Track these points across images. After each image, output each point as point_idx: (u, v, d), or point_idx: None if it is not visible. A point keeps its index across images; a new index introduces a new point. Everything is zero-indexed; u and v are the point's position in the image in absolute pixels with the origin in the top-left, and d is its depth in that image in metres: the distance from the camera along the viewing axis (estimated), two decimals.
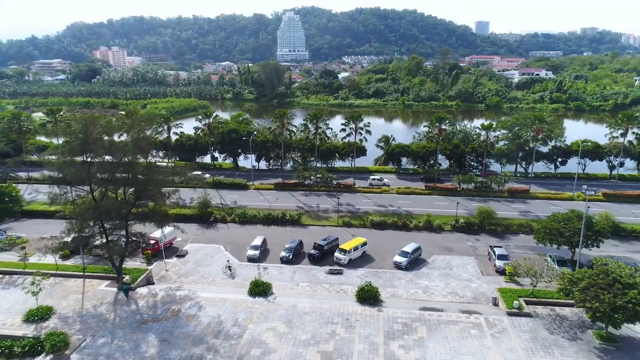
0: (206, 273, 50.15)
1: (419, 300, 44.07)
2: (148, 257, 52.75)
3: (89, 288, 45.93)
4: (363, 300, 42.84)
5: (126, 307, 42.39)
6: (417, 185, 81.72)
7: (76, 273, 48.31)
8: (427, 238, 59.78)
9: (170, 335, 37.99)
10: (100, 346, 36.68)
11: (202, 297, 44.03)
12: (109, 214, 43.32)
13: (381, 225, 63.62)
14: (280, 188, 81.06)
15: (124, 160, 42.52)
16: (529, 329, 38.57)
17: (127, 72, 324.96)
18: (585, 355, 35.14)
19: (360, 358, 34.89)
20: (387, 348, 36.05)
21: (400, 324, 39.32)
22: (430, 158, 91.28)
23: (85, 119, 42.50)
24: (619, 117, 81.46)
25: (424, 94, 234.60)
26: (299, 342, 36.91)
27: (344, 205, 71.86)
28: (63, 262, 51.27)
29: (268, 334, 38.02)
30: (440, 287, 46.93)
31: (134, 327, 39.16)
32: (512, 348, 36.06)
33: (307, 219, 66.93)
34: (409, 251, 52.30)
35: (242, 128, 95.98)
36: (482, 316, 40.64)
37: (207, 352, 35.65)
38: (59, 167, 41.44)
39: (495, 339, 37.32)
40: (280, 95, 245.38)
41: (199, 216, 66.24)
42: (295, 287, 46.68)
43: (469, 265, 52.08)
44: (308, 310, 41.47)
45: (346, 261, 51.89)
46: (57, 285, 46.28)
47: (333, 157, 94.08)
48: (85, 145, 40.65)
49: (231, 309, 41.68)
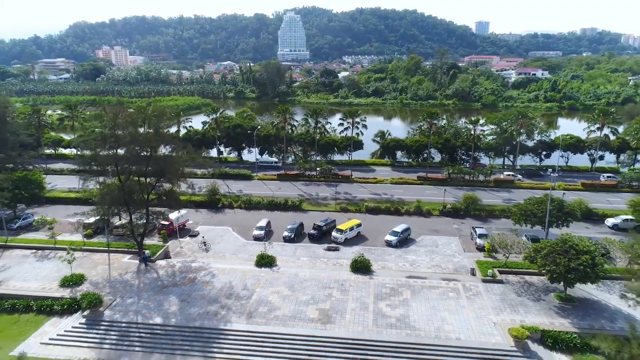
0: (217, 250, 55.92)
1: (405, 271, 49.88)
2: (164, 237, 58.48)
3: (114, 260, 51.84)
4: (356, 270, 48.73)
5: (148, 275, 48.32)
6: (410, 176, 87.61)
7: (101, 248, 54.24)
8: (416, 221, 65.59)
9: (189, 296, 43.90)
10: (129, 305, 42.60)
11: (215, 267, 49.93)
12: (132, 193, 49.24)
13: (375, 211, 69.49)
14: (282, 178, 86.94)
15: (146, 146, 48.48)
16: (499, 293, 44.43)
17: (131, 71, 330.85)
18: (546, 312, 41.01)
19: (352, 314, 40.77)
20: (375, 306, 41.94)
21: (388, 289, 45.19)
22: (423, 151, 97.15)
23: (115, 110, 48.46)
24: (596, 113, 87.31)
25: (422, 93, 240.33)
26: (300, 301, 42.79)
27: (341, 194, 77.75)
28: (88, 240, 57.14)
29: (273, 295, 43.90)
30: (425, 261, 52.75)
31: (157, 291, 45.08)
32: (483, 307, 41.92)
33: (307, 205, 72.81)
34: (399, 231, 58.17)
35: (246, 123, 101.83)
36: (459, 283, 46.51)
37: (221, 309, 41.56)
38: (90, 149, 47.40)
39: (470, 299, 43.19)
40: (282, 94, 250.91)
41: (208, 202, 72.09)
42: (297, 261, 52.48)
43: (452, 244, 57.90)
44: (308, 278, 47.34)
45: (342, 240, 57.71)
46: (86, 258, 52.13)
47: (332, 150, 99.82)
48: (113, 131, 46.60)
49: (241, 277, 47.58)
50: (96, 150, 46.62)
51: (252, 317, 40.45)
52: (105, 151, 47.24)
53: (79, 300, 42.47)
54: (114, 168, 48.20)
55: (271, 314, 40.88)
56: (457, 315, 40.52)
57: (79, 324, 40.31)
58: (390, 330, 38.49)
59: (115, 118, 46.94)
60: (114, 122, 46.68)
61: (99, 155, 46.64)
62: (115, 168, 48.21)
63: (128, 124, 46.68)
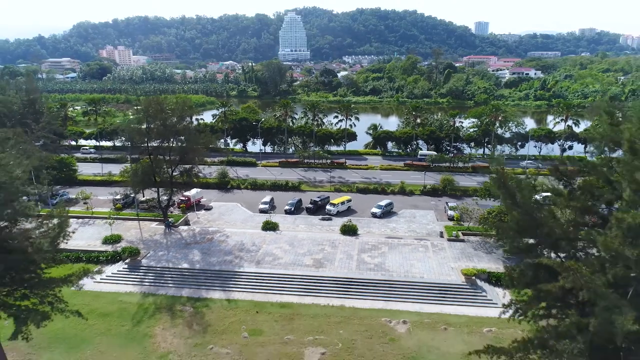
0: (228, 220, 66.19)
1: (386, 234, 60.11)
2: (183, 210, 68.83)
3: (144, 226, 62.21)
4: (345, 232, 59.04)
5: (173, 236, 58.68)
6: (398, 164, 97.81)
7: (132, 217, 64.62)
8: (399, 199, 75.79)
9: (208, 250, 54.22)
10: (161, 256, 52.96)
11: (228, 231, 60.27)
12: (160, 169, 59.67)
13: (364, 191, 79.73)
14: (284, 165, 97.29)
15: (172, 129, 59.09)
16: (460, 248, 54.68)
17: (136, 70, 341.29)
18: (495, 261, 51.26)
19: (340, 261, 51.10)
20: (359, 257, 52.26)
21: (370, 245, 55.47)
22: (411, 142, 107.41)
23: (148, 100, 59.00)
24: (560, 106, 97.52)
25: (417, 91, 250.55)
26: (298, 254, 53.09)
27: (336, 178, 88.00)
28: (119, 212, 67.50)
29: (277, 250, 54.21)
30: (404, 227, 62.96)
31: (182, 246, 55.43)
32: (445, 257, 52.19)
33: (305, 186, 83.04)
34: (383, 205, 68.44)
35: (251, 117, 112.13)
36: (429, 242, 56.78)
37: (235, 259, 51.87)
38: (128, 130, 57.86)
39: (435, 252, 53.47)
40: (283, 93, 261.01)
41: (218, 184, 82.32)
42: (296, 227, 62.67)
43: (428, 215, 68.12)
44: (305, 238, 57.65)
45: (335, 212, 67.93)
46: (120, 224, 62.37)
47: (329, 141, 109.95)
48: (146, 117, 57.14)
49: (250, 237, 57.91)
50: (134, 132, 57.08)
51: (260, 263, 50.78)
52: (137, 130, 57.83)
53: (120, 252, 52.83)
54: (147, 146, 58.65)
55: (275, 262, 51.20)
56: (423, 263, 50.81)
57: (122, 268, 50.69)
58: (369, 272, 48.81)
59: (148, 106, 57.39)
60: (147, 109, 57.15)
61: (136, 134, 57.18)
62: (147, 146, 58.65)
63: (159, 111, 57.04)
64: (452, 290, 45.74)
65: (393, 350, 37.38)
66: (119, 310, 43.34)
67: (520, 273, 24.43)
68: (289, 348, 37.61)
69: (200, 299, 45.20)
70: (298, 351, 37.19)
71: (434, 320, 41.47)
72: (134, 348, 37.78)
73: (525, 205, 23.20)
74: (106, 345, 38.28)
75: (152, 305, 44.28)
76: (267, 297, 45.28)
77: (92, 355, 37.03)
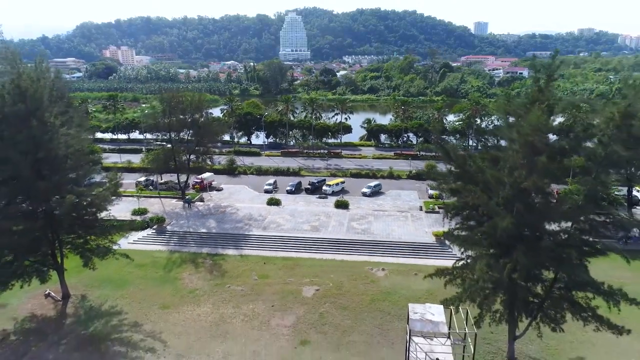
0: (237, 198, 76.07)
1: (373, 208, 69.99)
2: (197, 190, 78.74)
3: (165, 202, 72.21)
4: (338, 207, 69.01)
5: (191, 210, 68.63)
6: (389, 153, 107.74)
7: (154, 195, 74.64)
8: (388, 182, 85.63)
9: (222, 219, 64.25)
10: (182, 224, 62.99)
11: (238, 205, 70.31)
12: (179, 153, 69.66)
13: (357, 175, 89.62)
14: (285, 155, 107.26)
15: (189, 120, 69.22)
16: (434, 218, 64.48)
17: (141, 70, 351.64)
18: None
19: (333, 227, 61.11)
20: (349, 224, 62.26)
21: (359, 216, 65.44)
22: (402, 135, 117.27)
23: (169, 95, 69.23)
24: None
25: (413, 90, 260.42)
26: (298, 222, 63.08)
27: (332, 165, 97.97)
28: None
29: (280, 219, 64.20)
30: (389, 204, 72.84)
31: (200, 217, 65.45)
32: (421, 224, 62.15)
33: (305, 172, 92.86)
34: (372, 185, 78.37)
35: (255, 112, 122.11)
36: (409, 213, 66.75)
37: (245, 225, 61.89)
38: (153, 119, 67.93)
39: (413, 221, 63.43)
40: (284, 91, 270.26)
41: (227, 170, 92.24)
42: (296, 203, 72.58)
43: (412, 195, 77.99)
44: (304, 211, 67.64)
45: (330, 192, 77.77)
46: (144, 201, 72.29)
47: (326, 134, 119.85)
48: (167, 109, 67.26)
49: (257, 210, 67.94)
50: (157, 120, 67.21)
51: (266, 229, 60.78)
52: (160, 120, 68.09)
53: (148, 221, 62.77)
54: (168, 135, 68.71)
55: (279, 227, 61.21)
56: (403, 228, 60.77)
57: (150, 232, 60.66)
58: (357, 235, 58.81)
59: (170, 99, 67.51)
60: (169, 103, 67.31)
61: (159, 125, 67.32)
62: (169, 135, 68.72)
63: (179, 103, 67.13)
64: (424, 247, 55.62)
65: (372, 288, 47.26)
66: (152, 262, 53.28)
67: (451, 206, 34.58)
68: (290, 287, 47.48)
69: (217, 254, 55.13)
70: (297, 289, 47.07)
71: (408, 269, 51.30)
72: (167, 287, 47.69)
73: (457, 159, 33.00)
74: (144, 285, 48.19)
75: (178, 259, 54.25)
76: (273, 254, 55.18)
77: (134, 291, 46.92)
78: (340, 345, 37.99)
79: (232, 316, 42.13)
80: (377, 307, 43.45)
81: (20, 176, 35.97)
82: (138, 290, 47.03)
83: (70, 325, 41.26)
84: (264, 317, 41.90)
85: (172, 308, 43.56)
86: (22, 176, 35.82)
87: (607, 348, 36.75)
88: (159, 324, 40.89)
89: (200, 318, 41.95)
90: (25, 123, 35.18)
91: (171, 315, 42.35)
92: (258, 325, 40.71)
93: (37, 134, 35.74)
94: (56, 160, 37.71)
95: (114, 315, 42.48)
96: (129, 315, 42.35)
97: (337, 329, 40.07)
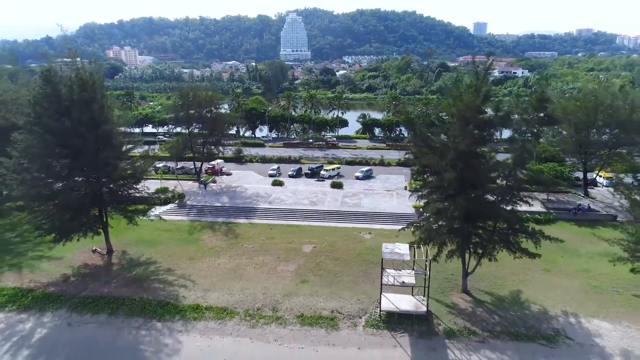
0: (245, 181, 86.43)
1: (364, 188, 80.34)
2: (209, 174, 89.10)
3: (182, 183, 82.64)
4: (333, 187, 79.45)
5: (206, 190, 79.06)
6: (381, 145, 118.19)
7: (172, 178, 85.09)
8: (379, 168, 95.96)
9: (233, 196, 74.68)
10: (199, 200, 73.41)
11: (246, 186, 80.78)
12: (194, 143, 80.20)
13: (351, 163, 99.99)
14: (287, 146, 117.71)
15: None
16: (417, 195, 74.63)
17: (146, 70, 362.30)
18: None
19: (328, 202, 71.55)
20: (342, 200, 72.67)
21: (351, 194, 75.83)
22: (395, 128, 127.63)
23: (187, 91, 79.91)
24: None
25: (410, 88, 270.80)
26: (299, 198, 73.48)
27: (329, 155, 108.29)
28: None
29: (283, 196, 74.61)
30: (379, 185, 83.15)
31: (214, 194, 75.84)
32: (405, 200, 72.34)
33: (304, 160, 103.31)
34: (364, 170, 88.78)
35: (259, 107, 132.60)
36: (395, 192, 77.10)
37: (253, 201, 72.31)
38: (173, 111, 78.46)
39: (398, 198, 73.80)
40: (285, 90, 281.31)
41: (235, 158, 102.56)
42: (297, 185, 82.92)
43: (399, 178, 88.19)
44: (303, 190, 78.05)
45: (327, 176, 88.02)
46: (164, 182, 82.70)
47: (324, 128, 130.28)
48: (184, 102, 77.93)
49: (263, 189, 78.39)
50: (177, 113, 77.90)
51: (271, 203, 71.19)
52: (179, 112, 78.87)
53: (170, 197, 73.11)
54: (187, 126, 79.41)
55: (282, 202, 71.63)
56: (388, 203, 71.12)
57: (173, 206, 71.02)
58: (349, 208, 69.14)
59: (187, 94, 78.16)
60: (187, 98, 78.01)
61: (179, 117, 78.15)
62: (187, 126, 79.45)
63: (195, 96, 77.69)
64: (404, 217, 65.84)
65: (360, 246, 57.56)
66: (176, 228, 63.61)
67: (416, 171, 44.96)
68: (292, 245, 57.75)
69: (231, 223, 65.45)
70: (298, 246, 57.34)
71: (390, 232, 61.23)
72: (191, 245, 58.00)
73: (419, 132, 43.39)
74: (172, 244, 58.46)
75: (198, 226, 64.59)
76: (277, 222, 65.52)
77: (164, 248, 57.18)
78: (332, 283, 48.27)
79: (246, 265, 52.45)
80: (362, 259, 53.75)
81: (84, 149, 46.24)
82: (168, 248, 57.33)
83: (116, 270, 51.60)
84: (272, 265, 52.21)
85: (197, 259, 53.86)
86: (87, 149, 46.13)
87: (539, 284, 47.17)
88: (187, 270, 51.18)
89: (220, 266, 52.28)
90: (89, 107, 45.48)
91: (197, 264, 52.65)
92: (267, 271, 51.00)
93: (96, 116, 46.06)
94: (110, 137, 48.08)
95: (150, 264, 52.80)
96: (163, 264, 52.66)
97: (330, 273, 50.38)
